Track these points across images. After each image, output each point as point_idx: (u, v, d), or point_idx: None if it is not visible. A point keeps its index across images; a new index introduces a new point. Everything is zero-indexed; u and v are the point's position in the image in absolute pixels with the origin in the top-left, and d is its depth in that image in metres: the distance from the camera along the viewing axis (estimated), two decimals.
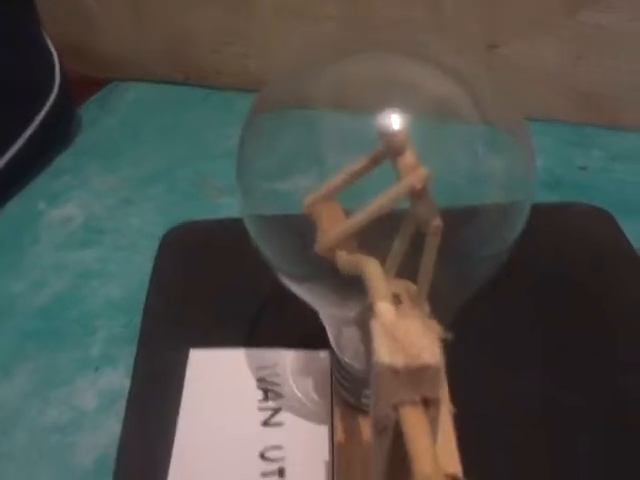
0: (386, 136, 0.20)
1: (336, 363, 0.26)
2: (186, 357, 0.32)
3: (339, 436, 0.25)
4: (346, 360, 0.25)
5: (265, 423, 0.29)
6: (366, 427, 0.25)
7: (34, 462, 0.28)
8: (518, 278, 0.33)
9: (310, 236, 0.22)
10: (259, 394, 0.30)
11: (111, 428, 0.30)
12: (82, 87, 0.54)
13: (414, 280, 0.23)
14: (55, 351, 0.33)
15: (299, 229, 0.23)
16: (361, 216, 0.20)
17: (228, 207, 0.43)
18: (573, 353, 0.32)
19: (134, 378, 0.31)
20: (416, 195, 0.21)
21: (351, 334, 0.25)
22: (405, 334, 0.15)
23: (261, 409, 0.30)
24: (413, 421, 0.15)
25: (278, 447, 0.28)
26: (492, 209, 0.22)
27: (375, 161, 0.21)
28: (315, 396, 0.30)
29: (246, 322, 0.34)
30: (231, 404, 0.30)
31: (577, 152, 0.47)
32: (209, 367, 0.31)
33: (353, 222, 0.20)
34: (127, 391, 0.30)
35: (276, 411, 0.29)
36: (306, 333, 0.33)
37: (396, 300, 0.24)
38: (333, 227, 0.21)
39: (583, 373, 0.31)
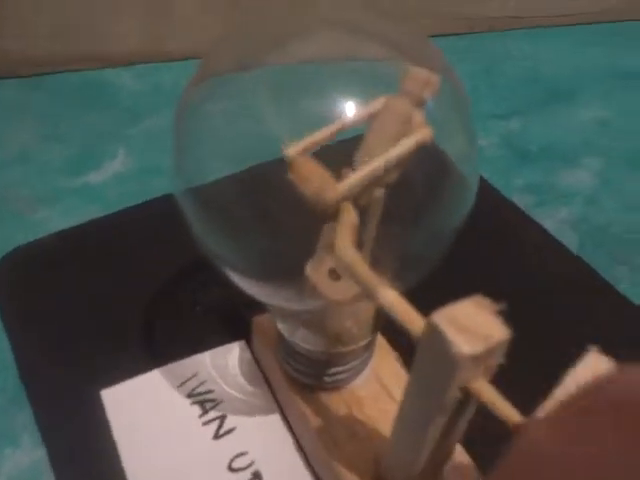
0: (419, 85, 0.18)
1: (288, 354, 0.25)
2: (96, 400, 0.28)
3: (314, 420, 0.25)
4: (306, 347, 0.24)
5: (217, 435, 0.28)
6: (336, 401, 0.26)
7: None
8: None
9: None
10: (196, 409, 0.28)
11: None
12: None
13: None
14: None
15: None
16: (379, 162, 0.19)
17: (48, 220, 0.38)
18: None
19: (49, 444, 0.27)
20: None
21: (307, 323, 0.24)
22: (467, 318, 0.15)
23: (206, 423, 0.28)
24: (486, 391, 0.16)
25: (242, 453, 0.27)
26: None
27: (363, 119, 0.20)
28: (251, 388, 0.29)
29: (137, 341, 0.31)
30: (173, 430, 0.28)
31: None
32: (130, 402, 0.28)
33: (372, 169, 0.18)
34: (42, 463, 0.27)
35: (222, 419, 0.28)
36: (207, 332, 0.31)
37: (333, 275, 0.24)
38: (330, 183, 0.19)
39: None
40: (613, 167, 0.44)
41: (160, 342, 0.31)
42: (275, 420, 0.28)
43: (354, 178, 0.19)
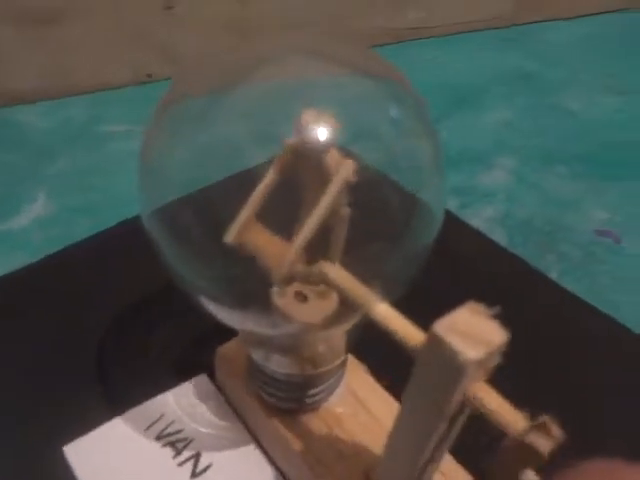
0: (310, 141, 0.19)
1: (263, 380, 0.25)
2: (59, 457, 0.27)
3: (297, 445, 0.25)
4: (283, 371, 0.24)
5: (194, 474, 0.27)
6: (315, 422, 0.26)
7: None
8: None
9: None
10: (169, 451, 0.27)
11: None
12: None
13: None
14: None
15: None
16: (312, 223, 0.19)
17: None
18: None
19: None
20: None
21: (280, 348, 0.24)
22: (466, 325, 0.16)
23: (181, 464, 0.27)
24: (486, 395, 0.17)
25: None
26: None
27: (284, 170, 0.20)
28: (220, 421, 0.29)
29: (94, 389, 0.30)
30: (148, 478, 0.27)
31: None
32: (97, 455, 0.27)
33: (306, 233, 0.19)
34: None
35: (197, 457, 0.27)
36: (166, 371, 0.30)
37: (300, 297, 0.24)
38: (280, 249, 0.19)
39: None
40: (526, 164, 0.47)
41: (119, 387, 0.30)
42: (250, 451, 0.28)
43: (295, 249, 0.19)
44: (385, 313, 0.18)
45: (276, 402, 0.26)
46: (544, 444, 0.15)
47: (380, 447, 0.25)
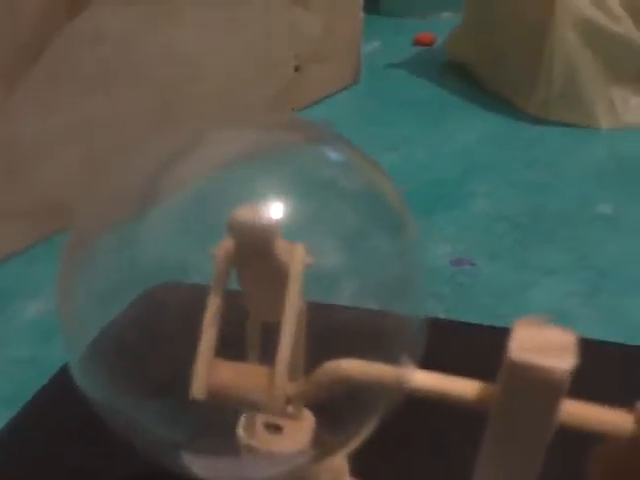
0: (255, 231, 0.16)
1: None
2: None
3: None
4: None
5: None
6: None
7: None
8: None
9: None
10: None
11: None
12: None
13: None
14: None
15: None
16: (289, 330, 0.16)
17: None
18: None
19: None
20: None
21: None
22: (535, 341, 0.14)
23: None
24: (576, 407, 0.15)
25: None
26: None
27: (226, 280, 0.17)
28: None
29: None
30: None
31: None
32: None
33: (286, 351, 0.16)
34: None
35: None
36: None
37: (272, 430, 0.21)
38: (261, 376, 0.16)
39: None
40: None
41: None
42: None
43: (282, 367, 0.16)
44: (425, 380, 0.15)
45: None
46: None
47: None
